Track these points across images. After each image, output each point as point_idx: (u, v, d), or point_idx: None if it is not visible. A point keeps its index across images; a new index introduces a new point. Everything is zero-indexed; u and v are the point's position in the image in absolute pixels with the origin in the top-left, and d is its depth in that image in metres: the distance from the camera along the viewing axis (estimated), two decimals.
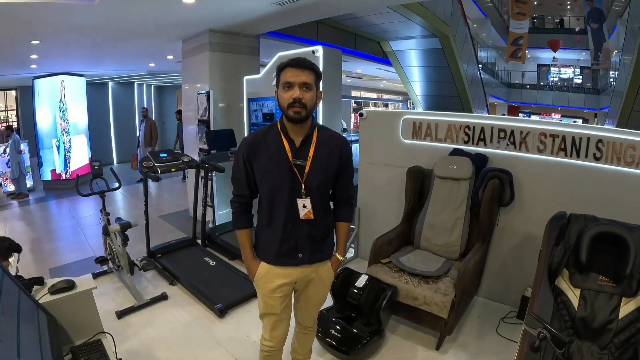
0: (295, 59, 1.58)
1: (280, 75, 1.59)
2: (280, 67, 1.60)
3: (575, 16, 18.59)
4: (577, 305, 1.82)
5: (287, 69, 1.57)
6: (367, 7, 5.99)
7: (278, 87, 1.62)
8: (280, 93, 1.60)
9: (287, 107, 1.57)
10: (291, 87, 1.56)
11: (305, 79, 1.56)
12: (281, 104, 1.60)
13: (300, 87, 1.56)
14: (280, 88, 1.60)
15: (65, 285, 1.86)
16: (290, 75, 1.56)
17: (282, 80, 1.58)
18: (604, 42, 13.55)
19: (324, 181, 1.70)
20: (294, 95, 1.55)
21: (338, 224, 1.86)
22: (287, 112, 1.59)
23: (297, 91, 1.55)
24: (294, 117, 1.58)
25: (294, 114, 1.57)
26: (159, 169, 3.75)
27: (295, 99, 1.55)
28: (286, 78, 1.56)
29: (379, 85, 20.16)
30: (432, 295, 2.52)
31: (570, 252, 1.92)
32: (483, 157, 3.15)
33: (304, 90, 1.56)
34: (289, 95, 1.56)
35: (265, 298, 1.78)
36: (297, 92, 1.55)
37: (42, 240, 5.39)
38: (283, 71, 1.59)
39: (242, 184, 1.72)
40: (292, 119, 1.60)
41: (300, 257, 1.71)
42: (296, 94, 1.55)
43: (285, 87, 1.57)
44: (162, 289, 3.43)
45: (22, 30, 4.77)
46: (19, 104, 10.74)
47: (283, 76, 1.58)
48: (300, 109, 1.56)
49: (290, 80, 1.56)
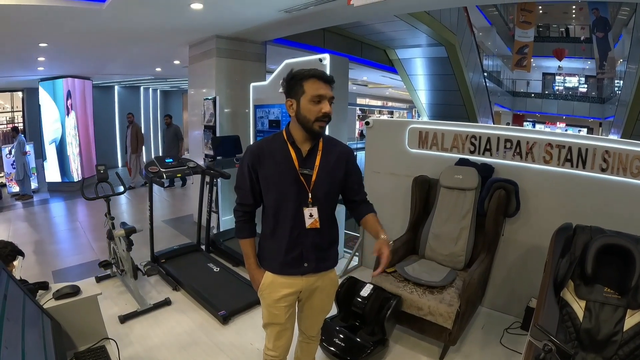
0: (322, 72, 1.59)
1: (305, 85, 1.56)
2: (301, 77, 1.57)
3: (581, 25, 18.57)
4: (582, 317, 1.81)
5: (314, 81, 1.56)
6: (374, 15, 6.01)
7: (299, 97, 1.57)
8: (308, 105, 1.56)
9: (315, 120, 1.57)
10: (322, 101, 1.56)
11: (331, 93, 1.59)
12: (306, 116, 1.57)
13: (329, 101, 1.58)
14: (308, 100, 1.56)
15: (70, 290, 1.86)
16: (322, 88, 1.56)
17: (310, 92, 1.55)
18: (609, 51, 13.51)
19: (330, 190, 1.70)
20: (325, 110, 1.56)
21: (366, 217, 1.78)
22: (312, 124, 1.58)
23: (328, 106, 1.57)
24: (318, 131, 1.60)
25: (319, 128, 1.59)
26: (164, 174, 3.76)
27: (325, 113, 1.56)
28: (317, 91, 1.55)
29: (384, 93, 20.17)
30: (436, 306, 2.51)
31: (576, 264, 1.92)
32: (489, 168, 3.14)
33: (330, 105, 1.59)
34: (319, 108, 1.55)
35: (269, 308, 1.77)
36: (329, 107, 1.57)
37: (46, 242, 5.40)
38: (308, 82, 1.56)
39: (247, 192, 1.72)
40: (316, 133, 1.60)
41: (305, 267, 1.70)
42: (327, 109, 1.56)
43: (315, 99, 1.55)
44: (165, 295, 3.43)
45: (30, 33, 4.81)
46: (25, 106, 10.80)
47: (311, 88, 1.55)
48: (325, 124, 1.59)
49: (322, 94, 1.55)
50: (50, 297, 1.82)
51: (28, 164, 7.99)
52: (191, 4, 3.82)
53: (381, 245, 1.61)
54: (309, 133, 1.61)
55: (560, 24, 19.25)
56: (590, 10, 12.91)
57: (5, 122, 11.07)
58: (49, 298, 1.82)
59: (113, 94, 12.39)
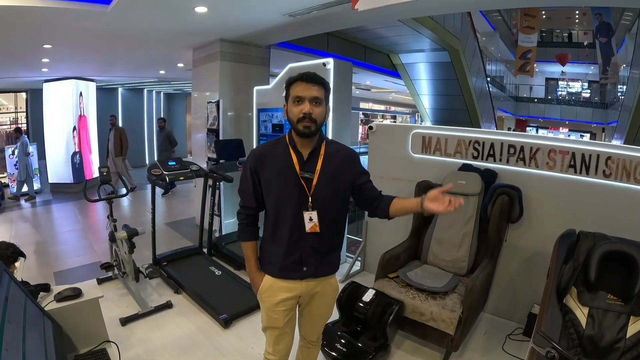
0: (305, 73, 1.59)
1: (290, 89, 1.60)
2: (290, 81, 1.60)
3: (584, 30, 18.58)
4: (584, 324, 1.80)
5: (297, 83, 1.58)
6: (378, 20, 6.02)
7: (287, 100, 1.62)
8: (290, 107, 1.60)
9: (297, 121, 1.57)
10: (301, 102, 1.57)
11: (315, 93, 1.57)
12: (291, 118, 1.61)
13: (311, 101, 1.56)
14: (290, 102, 1.60)
15: (71, 293, 1.86)
16: (301, 89, 1.56)
17: (292, 95, 1.59)
18: (612, 56, 13.50)
19: (332, 194, 1.68)
20: (304, 110, 1.55)
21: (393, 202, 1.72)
22: (296, 126, 1.59)
23: (307, 106, 1.56)
24: (303, 132, 1.58)
25: (303, 129, 1.58)
26: (167, 177, 3.76)
27: (305, 113, 1.55)
28: (296, 92, 1.57)
29: (387, 98, 20.18)
30: (439, 312, 2.49)
31: (579, 271, 1.91)
32: (492, 173, 3.13)
33: (314, 105, 1.57)
34: (299, 109, 1.57)
35: (268, 311, 1.76)
36: (307, 107, 1.56)
37: (48, 243, 5.40)
38: (293, 85, 1.59)
39: (249, 195, 1.72)
40: (301, 134, 1.60)
41: (304, 271, 1.69)
42: (306, 109, 1.55)
43: (296, 101, 1.58)
44: (167, 297, 3.42)
45: (34, 34, 4.83)
46: (29, 107, 10.83)
47: (293, 90, 1.59)
48: (310, 124, 1.57)
49: (300, 95, 1.56)
50: (52, 299, 1.81)
51: (31, 165, 8.00)
52: (196, 7, 3.83)
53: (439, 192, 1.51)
54: (298, 135, 1.62)
55: (563, 29, 19.29)
56: (594, 15, 12.92)
57: (8, 123, 11.09)
58: (50, 300, 1.81)
59: (117, 96, 12.44)
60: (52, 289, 1.91)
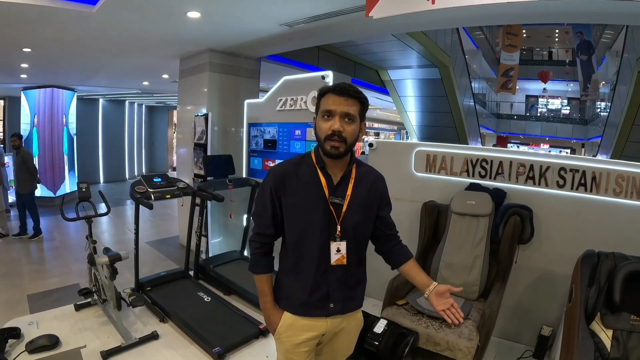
0: (339, 85, 1.39)
1: (321, 101, 1.40)
2: (322, 92, 1.41)
3: (564, 48, 19.05)
4: (610, 347, 1.77)
5: (328, 95, 1.38)
6: (372, 33, 5.90)
7: (317, 114, 1.43)
8: (319, 122, 1.40)
9: (325, 139, 1.38)
10: (331, 117, 1.37)
11: (347, 109, 1.36)
12: (318, 135, 1.41)
13: (342, 117, 1.36)
14: (319, 116, 1.40)
15: (47, 342, 1.57)
16: (332, 102, 1.36)
17: (322, 108, 1.39)
18: (593, 74, 13.78)
19: (361, 222, 1.49)
20: (334, 127, 1.35)
21: (408, 264, 1.62)
22: (323, 144, 1.39)
23: (338, 122, 1.35)
24: (330, 152, 1.38)
25: (330, 148, 1.37)
26: (152, 195, 3.51)
27: (334, 130, 1.35)
28: (327, 105, 1.37)
29: (371, 115, 20.19)
30: (456, 341, 2.32)
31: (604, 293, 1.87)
32: (501, 193, 3.00)
33: (346, 122, 1.37)
34: (328, 125, 1.37)
35: (287, 353, 1.53)
36: (337, 124, 1.35)
37: (22, 261, 5.06)
38: (324, 97, 1.40)
39: (267, 221, 1.50)
40: (328, 154, 1.40)
41: (331, 307, 1.49)
42: (336, 126, 1.35)
43: (325, 115, 1.38)
44: (152, 327, 3.13)
45: (13, 35, 4.55)
46: (6, 115, 10.38)
47: (324, 103, 1.39)
48: (338, 143, 1.37)
49: (330, 109, 1.36)
50: (23, 350, 1.52)
51: (6, 177, 7.55)
52: (188, 12, 3.63)
53: (447, 290, 1.46)
54: (325, 154, 1.42)
55: (543, 47, 19.75)
56: (575, 33, 13.19)
57: None
58: (22, 351, 1.52)
59: (97, 107, 12.09)
60: (23, 334, 1.61)
